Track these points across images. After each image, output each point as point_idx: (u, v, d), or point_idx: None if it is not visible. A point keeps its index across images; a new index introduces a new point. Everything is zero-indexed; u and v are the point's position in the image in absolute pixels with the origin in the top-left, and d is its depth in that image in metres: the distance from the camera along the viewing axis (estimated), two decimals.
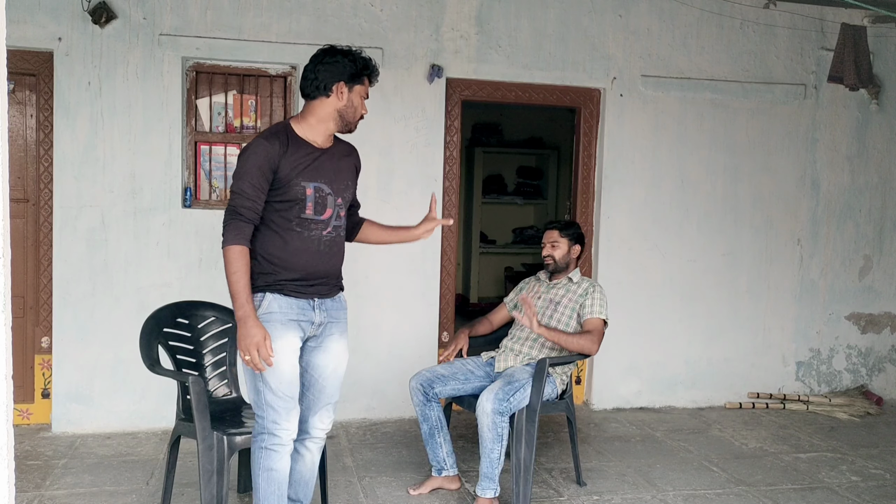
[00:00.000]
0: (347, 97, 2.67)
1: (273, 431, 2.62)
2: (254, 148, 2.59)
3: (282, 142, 2.60)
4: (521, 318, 3.46)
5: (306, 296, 2.67)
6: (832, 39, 4.94)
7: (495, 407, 3.23)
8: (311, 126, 2.69)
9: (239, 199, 2.57)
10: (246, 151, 2.60)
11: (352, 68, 2.66)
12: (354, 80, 2.67)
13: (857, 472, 4.02)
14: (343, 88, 2.66)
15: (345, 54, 2.67)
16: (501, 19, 4.71)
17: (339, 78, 2.65)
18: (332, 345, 2.78)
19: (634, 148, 5.00)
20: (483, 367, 3.68)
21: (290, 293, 2.64)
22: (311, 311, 2.69)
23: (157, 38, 4.26)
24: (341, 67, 2.65)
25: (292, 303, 2.64)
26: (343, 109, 2.68)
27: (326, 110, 2.67)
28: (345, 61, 2.65)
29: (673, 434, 4.58)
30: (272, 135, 2.62)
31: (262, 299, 2.62)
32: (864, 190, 5.40)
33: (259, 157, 2.56)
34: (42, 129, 4.27)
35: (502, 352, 3.69)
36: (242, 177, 2.57)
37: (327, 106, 2.67)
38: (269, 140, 2.59)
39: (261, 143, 2.59)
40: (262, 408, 2.62)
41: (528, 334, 3.65)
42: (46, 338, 4.33)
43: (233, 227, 2.55)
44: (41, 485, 3.53)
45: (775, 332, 5.32)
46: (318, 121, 2.68)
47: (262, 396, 2.61)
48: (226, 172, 4.52)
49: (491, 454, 3.28)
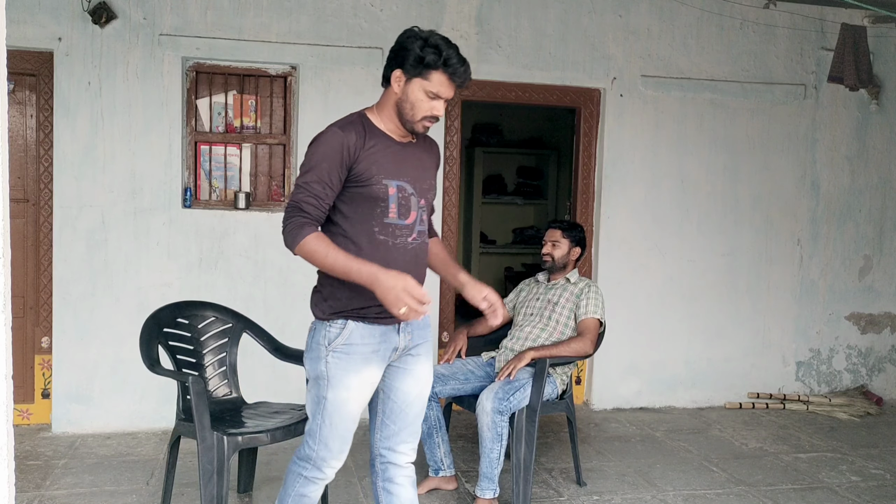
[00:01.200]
0: (403, 89, 2.23)
1: (320, 467, 2.36)
2: (326, 137, 2.21)
3: (358, 132, 2.22)
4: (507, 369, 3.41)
5: (392, 319, 2.25)
6: (832, 39, 4.95)
7: (495, 406, 3.23)
8: (383, 118, 2.30)
9: (303, 193, 2.18)
10: (316, 141, 2.23)
11: (415, 55, 2.18)
12: (416, 70, 2.20)
13: (857, 472, 4.02)
14: (400, 77, 2.23)
15: (416, 37, 2.20)
16: (501, 19, 4.72)
17: (399, 65, 2.22)
18: (418, 367, 2.42)
19: (634, 148, 5.00)
20: (483, 367, 3.68)
21: (373, 319, 2.26)
22: (396, 336, 2.32)
23: (157, 38, 4.26)
24: (405, 52, 2.20)
25: (375, 331, 2.28)
26: (400, 103, 2.25)
27: (390, 101, 2.28)
28: (412, 45, 2.19)
29: (673, 434, 4.58)
30: (347, 123, 2.24)
31: (344, 327, 2.25)
32: (864, 190, 5.40)
33: (332, 146, 2.19)
34: (42, 129, 4.27)
35: (502, 352, 3.69)
36: (310, 169, 2.19)
37: (390, 96, 2.27)
38: (345, 129, 2.21)
39: (335, 131, 2.21)
40: (315, 440, 2.33)
41: (527, 334, 3.65)
42: (46, 338, 4.34)
43: (295, 224, 2.16)
44: (41, 485, 3.53)
45: (775, 332, 5.32)
46: (384, 110, 2.30)
47: (319, 430, 2.31)
48: (225, 172, 4.52)
49: (490, 454, 3.28)
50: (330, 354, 2.26)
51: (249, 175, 4.57)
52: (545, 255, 3.77)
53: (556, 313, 3.65)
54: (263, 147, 4.58)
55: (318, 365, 2.29)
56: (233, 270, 4.43)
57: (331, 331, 2.27)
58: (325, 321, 2.28)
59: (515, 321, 3.80)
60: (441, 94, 2.22)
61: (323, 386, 2.29)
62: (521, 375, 3.41)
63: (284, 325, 4.33)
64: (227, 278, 4.42)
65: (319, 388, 2.31)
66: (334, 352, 2.26)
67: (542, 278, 3.86)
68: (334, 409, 2.28)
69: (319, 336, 2.30)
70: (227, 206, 4.46)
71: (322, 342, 2.28)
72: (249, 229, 4.45)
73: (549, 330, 3.64)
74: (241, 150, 4.54)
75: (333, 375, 2.27)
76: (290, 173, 4.54)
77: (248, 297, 4.38)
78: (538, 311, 3.70)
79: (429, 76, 2.19)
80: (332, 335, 2.26)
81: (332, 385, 2.28)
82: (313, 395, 2.33)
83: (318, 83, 4.48)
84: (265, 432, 2.96)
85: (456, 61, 2.19)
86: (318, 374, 2.30)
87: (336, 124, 2.24)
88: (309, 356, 2.34)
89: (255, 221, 4.45)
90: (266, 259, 4.47)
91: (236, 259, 4.43)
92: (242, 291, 4.41)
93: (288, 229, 2.18)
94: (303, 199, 2.18)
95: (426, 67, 2.18)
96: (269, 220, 4.46)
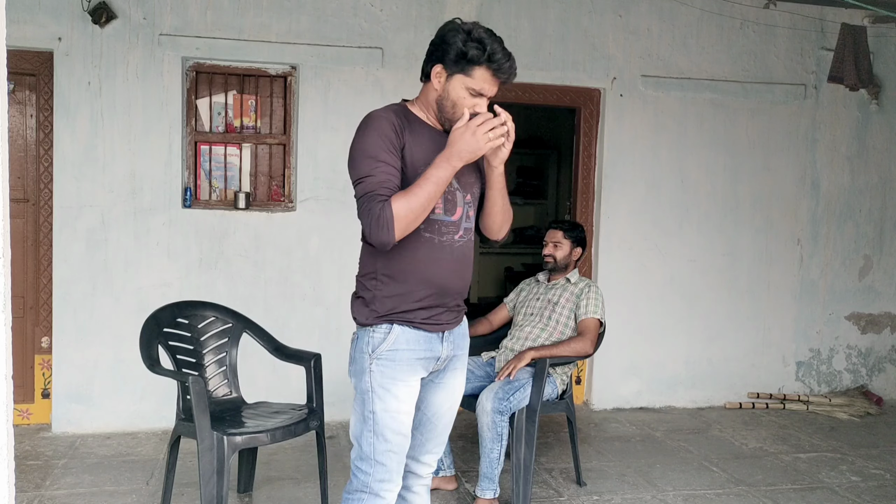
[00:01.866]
0: (444, 86, 2.07)
1: (378, 492, 2.12)
2: (372, 122, 2.04)
3: (399, 116, 2.07)
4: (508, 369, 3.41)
5: (438, 327, 2.15)
6: (832, 39, 4.95)
7: (495, 406, 3.23)
8: (424, 109, 2.15)
9: (369, 181, 1.98)
10: (362, 130, 2.04)
11: (457, 50, 2.02)
12: (458, 65, 2.03)
13: (857, 472, 4.02)
14: (441, 73, 2.07)
15: (458, 30, 2.04)
16: (501, 19, 4.71)
17: (439, 59, 2.06)
18: (453, 380, 2.28)
19: (634, 148, 5.00)
20: (483, 367, 3.68)
21: (419, 325, 2.11)
22: (440, 345, 2.18)
23: (157, 38, 4.26)
24: (446, 46, 2.04)
25: (421, 337, 2.13)
26: (440, 101, 2.09)
27: (430, 97, 2.12)
28: (454, 38, 2.03)
29: (673, 434, 4.58)
30: (386, 108, 2.10)
31: (389, 332, 2.10)
32: (864, 190, 5.40)
33: (380, 129, 2.02)
34: (42, 129, 4.27)
35: (502, 352, 3.69)
36: (365, 155, 2.00)
37: (429, 92, 2.12)
38: (386, 112, 2.07)
39: (377, 115, 2.05)
40: (369, 462, 2.11)
41: (527, 334, 3.66)
42: (46, 338, 4.33)
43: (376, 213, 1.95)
44: (41, 485, 3.53)
45: (775, 332, 5.32)
46: (426, 105, 2.15)
47: (371, 448, 2.11)
48: (225, 172, 4.52)
49: (490, 454, 3.28)
50: (374, 363, 2.11)
51: (249, 175, 4.57)
52: (547, 257, 3.77)
53: (557, 313, 3.66)
54: (263, 147, 4.58)
55: (363, 377, 2.13)
56: (233, 270, 4.43)
57: (375, 336, 2.11)
58: (369, 327, 2.12)
59: (515, 321, 3.80)
60: (485, 92, 2.06)
61: (369, 400, 2.11)
62: (520, 375, 3.41)
63: (284, 325, 4.34)
64: (227, 278, 4.42)
65: (365, 404, 2.12)
66: (378, 359, 2.10)
67: (543, 278, 3.86)
68: (385, 422, 2.10)
69: (362, 343, 2.14)
70: (227, 206, 4.46)
71: (366, 349, 2.12)
72: (249, 229, 4.44)
73: (549, 330, 3.64)
74: (241, 150, 4.54)
75: (380, 385, 2.10)
76: (289, 173, 4.54)
77: (248, 297, 4.38)
78: (538, 311, 3.71)
79: (472, 72, 2.03)
80: (376, 341, 2.11)
81: (378, 396, 2.10)
82: (359, 415, 2.14)
83: (318, 83, 4.48)
84: (265, 432, 2.96)
85: (501, 56, 2.02)
86: (363, 387, 2.13)
87: (374, 111, 2.08)
88: (353, 369, 2.17)
89: (255, 221, 4.45)
90: (266, 259, 4.47)
91: (236, 259, 4.43)
92: (242, 291, 4.41)
93: (374, 223, 1.95)
94: (375, 184, 1.97)
95: (469, 63, 2.02)
96: (269, 220, 4.46)
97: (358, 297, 2.17)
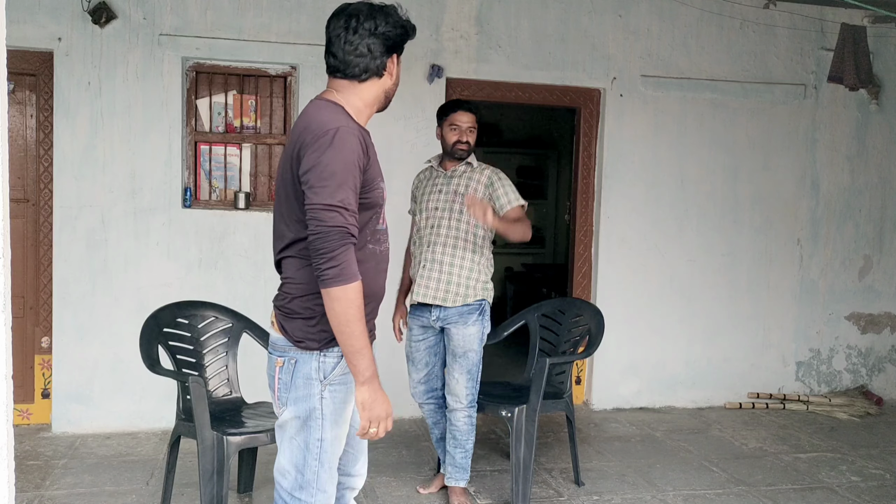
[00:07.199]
0: (397, 72, 2.07)
1: None
2: (345, 141, 1.87)
3: (362, 132, 1.96)
4: (477, 215, 3.01)
5: (372, 338, 2.01)
6: (832, 39, 4.94)
7: (467, 403, 3.32)
8: (359, 112, 2.01)
9: (345, 214, 1.84)
10: (334, 146, 1.85)
11: (401, 34, 2.03)
12: (400, 48, 2.06)
13: (857, 472, 4.02)
14: (396, 63, 2.06)
15: (388, 14, 2.01)
16: (501, 19, 4.71)
17: (394, 50, 2.03)
18: None
19: (634, 148, 5.00)
20: (428, 340, 3.42)
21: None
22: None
23: (157, 38, 4.26)
24: (394, 35, 2.01)
25: None
26: (391, 89, 2.08)
27: (375, 92, 2.04)
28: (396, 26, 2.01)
29: (673, 434, 4.58)
30: (351, 121, 1.94)
31: (341, 357, 1.94)
32: (864, 190, 5.40)
33: (355, 153, 1.88)
34: (42, 129, 4.27)
35: (417, 284, 3.34)
36: (343, 182, 1.84)
37: (377, 87, 2.04)
38: (355, 128, 1.92)
39: (349, 133, 1.88)
40: (309, 492, 1.98)
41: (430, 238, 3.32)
42: (46, 338, 4.34)
43: (346, 254, 1.83)
44: (41, 485, 3.53)
45: (775, 332, 5.32)
46: (367, 105, 2.04)
47: (315, 477, 1.98)
48: (225, 172, 4.52)
49: (466, 444, 3.36)
50: (327, 389, 1.94)
51: (249, 175, 4.57)
52: (461, 144, 3.32)
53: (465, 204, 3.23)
54: (263, 147, 4.58)
55: (309, 403, 1.95)
56: (233, 270, 4.43)
57: (326, 361, 1.94)
58: (317, 351, 1.94)
59: (420, 224, 3.40)
60: None
61: (316, 427, 1.95)
62: (469, 346, 3.29)
63: None
64: (227, 278, 4.42)
65: (311, 431, 1.96)
66: (332, 384, 1.95)
67: (437, 165, 3.45)
68: (333, 450, 1.99)
69: (308, 370, 1.95)
70: (227, 206, 4.46)
71: (315, 376, 1.94)
72: (249, 229, 4.44)
73: (464, 225, 3.32)
74: (241, 150, 4.54)
75: (332, 411, 1.96)
76: None
77: (248, 297, 4.38)
78: (444, 205, 3.33)
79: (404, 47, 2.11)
80: (327, 367, 1.94)
81: (331, 423, 1.96)
82: (300, 442, 1.97)
83: (318, 83, 4.47)
84: (265, 432, 2.97)
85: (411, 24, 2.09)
86: (308, 414, 1.95)
87: (339, 122, 1.89)
88: (290, 396, 1.96)
89: (255, 221, 4.45)
90: (266, 259, 4.46)
91: (236, 259, 4.43)
92: (242, 291, 4.41)
93: (338, 259, 1.82)
94: (348, 223, 1.84)
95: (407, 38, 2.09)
96: (268, 220, 4.44)
97: (297, 317, 1.97)
